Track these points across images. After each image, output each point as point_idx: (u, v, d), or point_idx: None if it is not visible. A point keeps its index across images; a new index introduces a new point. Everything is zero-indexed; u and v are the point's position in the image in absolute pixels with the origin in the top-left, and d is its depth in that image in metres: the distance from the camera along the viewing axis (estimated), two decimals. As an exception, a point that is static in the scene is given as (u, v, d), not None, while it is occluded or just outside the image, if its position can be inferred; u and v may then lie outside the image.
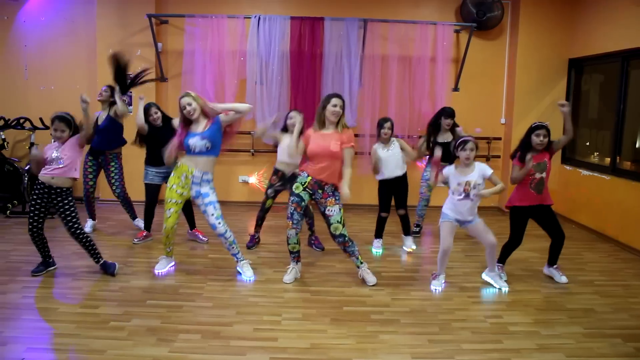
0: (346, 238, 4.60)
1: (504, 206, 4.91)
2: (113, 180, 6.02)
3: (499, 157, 7.95)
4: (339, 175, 4.57)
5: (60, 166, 4.46)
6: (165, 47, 7.65)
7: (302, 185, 4.55)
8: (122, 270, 4.84)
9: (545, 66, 7.55)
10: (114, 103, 5.89)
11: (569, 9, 7.41)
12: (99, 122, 5.90)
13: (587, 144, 7.42)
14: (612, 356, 3.53)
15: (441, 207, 4.67)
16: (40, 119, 7.22)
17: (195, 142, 4.49)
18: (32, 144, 7.10)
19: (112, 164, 6.03)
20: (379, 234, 5.77)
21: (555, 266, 4.95)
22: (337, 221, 4.54)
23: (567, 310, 4.24)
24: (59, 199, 4.52)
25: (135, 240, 5.73)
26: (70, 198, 4.57)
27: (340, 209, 4.56)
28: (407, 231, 5.78)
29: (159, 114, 5.59)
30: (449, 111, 6.05)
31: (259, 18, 7.11)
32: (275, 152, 5.62)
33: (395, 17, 7.40)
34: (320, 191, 4.55)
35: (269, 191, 5.56)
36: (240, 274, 4.82)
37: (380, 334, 3.74)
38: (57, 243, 5.52)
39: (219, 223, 4.65)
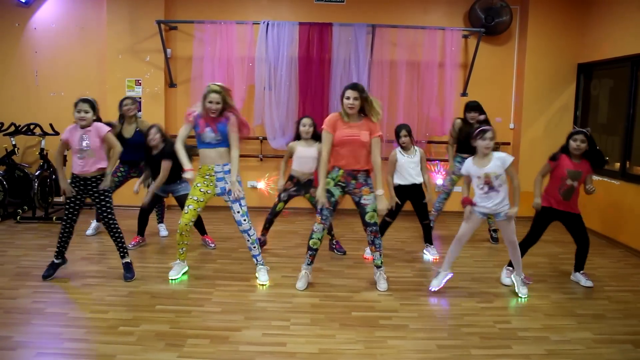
0: (378, 227, 4.59)
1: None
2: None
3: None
4: (369, 161, 4.52)
5: (91, 158, 4.53)
6: (174, 53, 7.70)
7: (334, 180, 4.52)
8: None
9: (554, 71, 7.53)
10: (136, 117, 5.99)
11: (577, 14, 7.40)
12: (125, 135, 5.89)
13: (597, 148, 7.35)
14: (622, 362, 3.51)
15: (456, 212, 4.64)
16: (51, 125, 7.27)
17: (208, 133, 4.52)
18: (42, 150, 7.16)
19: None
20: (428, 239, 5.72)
21: (582, 272, 4.95)
22: (373, 209, 4.53)
23: (576, 316, 4.21)
24: (95, 188, 4.61)
25: (130, 245, 5.72)
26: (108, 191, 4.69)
27: (375, 198, 4.53)
28: (429, 240, 5.72)
29: (158, 135, 5.51)
30: (472, 104, 6.04)
31: (268, 24, 7.14)
32: (282, 157, 5.62)
33: (403, 22, 7.41)
34: (353, 181, 4.50)
35: (282, 195, 5.54)
36: (257, 277, 4.83)
37: (389, 339, 3.73)
38: (68, 248, 5.56)
39: (244, 220, 4.68)
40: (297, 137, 5.48)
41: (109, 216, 4.70)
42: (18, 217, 6.80)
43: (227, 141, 4.58)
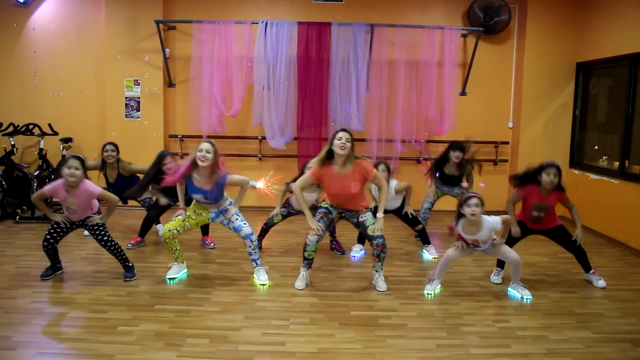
0: (384, 240, 4.58)
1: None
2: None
3: (506, 161, 7.93)
4: (363, 201, 4.67)
5: (77, 213, 4.59)
6: (173, 53, 7.69)
7: (331, 206, 4.72)
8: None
9: (552, 70, 7.54)
10: (118, 161, 5.98)
11: (576, 13, 7.40)
12: (110, 181, 5.95)
13: (596, 147, 7.39)
14: (621, 361, 3.52)
15: (448, 211, 4.66)
16: (50, 125, 7.27)
17: (199, 198, 4.64)
18: (40, 150, 7.15)
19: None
20: (361, 240, 5.77)
21: (591, 272, 4.96)
22: (373, 223, 4.59)
23: (575, 315, 4.22)
24: (87, 222, 4.65)
25: (129, 245, 5.74)
26: (98, 212, 4.72)
27: (372, 214, 4.66)
28: (426, 242, 5.78)
29: (174, 163, 5.42)
30: (458, 145, 6.06)
31: (266, 23, 7.13)
32: (282, 157, 5.63)
33: (402, 21, 7.41)
34: (348, 211, 4.69)
35: (283, 210, 5.56)
36: (255, 278, 4.83)
37: (388, 339, 3.73)
38: (67, 248, 5.56)
39: (245, 224, 4.76)
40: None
41: (105, 239, 4.69)
42: (17, 217, 6.79)
43: (220, 198, 4.69)
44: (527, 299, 4.52)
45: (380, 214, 4.56)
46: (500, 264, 4.94)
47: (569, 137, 7.68)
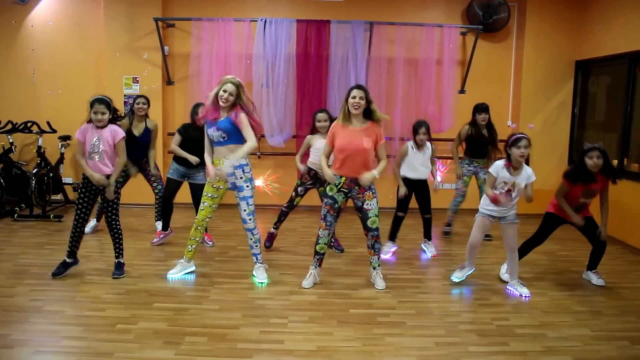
0: (379, 232, 4.59)
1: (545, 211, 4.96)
2: (156, 184, 6.08)
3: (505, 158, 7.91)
4: (371, 166, 4.50)
5: (103, 161, 4.54)
6: (171, 51, 7.68)
7: (337, 186, 4.49)
8: (128, 274, 4.85)
9: (551, 68, 7.54)
10: (146, 116, 5.97)
11: (575, 11, 7.40)
12: (135, 133, 5.84)
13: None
14: (619, 359, 3.51)
15: (469, 209, 4.66)
16: (48, 123, 7.26)
17: (212, 132, 4.54)
18: (39, 148, 7.14)
19: (149, 168, 6.08)
20: (393, 236, 5.70)
21: (594, 270, 4.96)
22: (375, 215, 4.53)
23: (574, 313, 4.22)
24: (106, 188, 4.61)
25: (155, 240, 5.77)
26: (118, 185, 4.69)
27: (377, 203, 4.54)
28: (429, 236, 5.74)
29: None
30: (482, 106, 6.12)
31: (265, 21, 7.13)
32: (281, 154, 5.62)
33: (401, 19, 7.41)
34: (356, 188, 4.48)
35: (300, 189, 5.57)
36: (255, 276, 4.82)
37: (387, 337, 3.74)
38: (65, 246, 5.54)
39: (250, 219, 4.69)
40: (313, 131, 5.49)
41: (113, 216, 4.71)
42: (15, 215, 6.79)
43: (235, 138, 4.55)
44: (525, 297, 4.52)
45: (375, 173, 4.38)
46: (519, 256, 4.94)
47: (568, 135, 7.68)
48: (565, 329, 3.92)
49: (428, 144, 5.49)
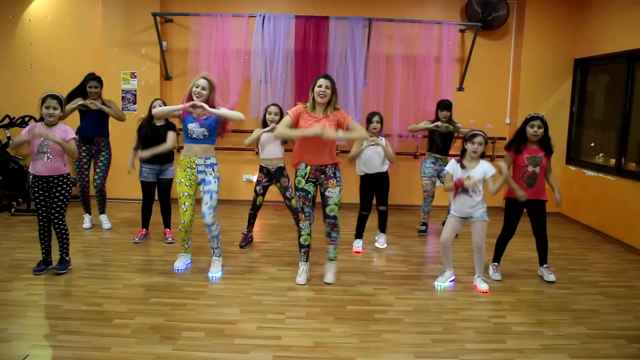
0: (337, 221, 4.58)
1: (502, 198, 4.97)
2: (98, 170, 6.05)
3: (503, 157, 7.90)
4: (335, 153, 4.56)
5: (49, 161, 4.44)
6: (170, 46, 7.66)
7: (304, 177, 4.49)
8: (125, 269, 4.85)
9: (550, 66, 7.54)
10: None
11: (574, 9, 7.40)
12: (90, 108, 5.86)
13: (592, 144, 7.40)
14: (616, 357, 3.52)
15: (444, 206, 4.67)
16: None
17: (194, 127, 4.53)
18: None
19: (103, 153, 6.06)
20: (359, 234, 5.74)
21: (545, 265, 4.96)
22: (335, 203, 4.53)
23: (571, 311, 4.23)
24: (59, 185, 4.54)
25: (136, 239, 5.74)
26: (68, 184, 4.60)
27: (340, 192, 4.55)
28: (382, 228, 5.80)
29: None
30: (445, 103, 6.12)
31: (264, 17, 7.11)
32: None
33: (400, 16, 7.40)
34: (322, 175, 4.49)
35: (257, 188, 5.59)
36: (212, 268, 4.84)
37: (384, 333, 3.74)
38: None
39: (209, 213, 4.64)
40: (264, 124, 5.49)
41: (58, 220, 4.61)
42: (12, 210, 6.77)
43: (212, 138, 4.62)
44: (484, 292, 4.55)
45: (341, 134, 4.30)
46: (496, 256, 4.99)
47: (566, 133, 7.69)
48: (562, 327, 3.93)
49: (381, 137, 5.47)
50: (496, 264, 4.99)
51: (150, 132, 5.44)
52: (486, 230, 4.53)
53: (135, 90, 7.57)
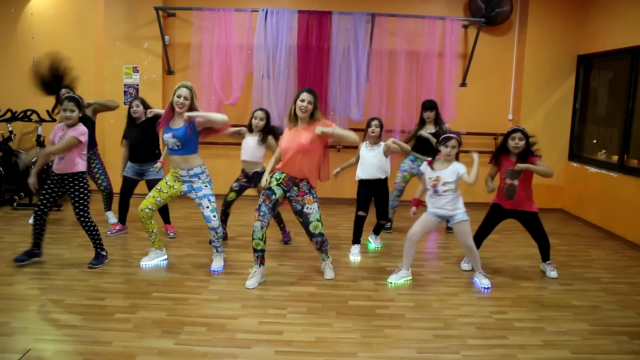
0: (324, 237, 4.54)
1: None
2: (98, 177, 6.07)
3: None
4: (314, 171, 4.45)
5: (63, 160, 4.52)
6: (172, 40, 7.66)
7: (277, 180, 4.42)
8: (127, 263, 4.86)
9: (553, 62, 7.52)
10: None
11: (578, 5, 7.37)
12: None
13: (595, 141, 7.38)
14: (617, 353, 3.52)
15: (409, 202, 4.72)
16: (48, 112, 7.23)
17: (167, 138, 4.53)
18: (38, 137, 7.12)
19: (93, 164, 6.05)
20: (356, 239, 5.44)
21: (548, 262, 4.98)
22: (317, 219, 4.44)
23: (573, 307, 4.23)
24: (72, 183, 4.57)
25: (108, 232, 5.73)
26: (84, 182, 4.62)
27: (318, 207, 4.46)
28: (377, 232, 5.70)
29: (141, 107, 5.50)
30: (428, 104, 6.06)
31: (267, 11, 7.09)
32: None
33: (403, 11, 7.37)
34: (295, 188, 4.39)
35: (234, 184, 5.51)
36: (214, 264, 4.84)
37: (386, 329, 3.74)
38: (64, 235, 5.57)
39: (214, 216, 4.65)
40: (249, 127, 5.44)
41: (83, 217, 4.66)
42: (14, 204, 6.78)
43: (188, 148, 4.56)
44: (486, 288, 4.54)
45: (330, 129, 4.20)
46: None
47: (569, 130, 7.67)
48: (564, 323, 3.92)
49: (380, 142, 5.31)
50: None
51: (136, 134, 5.47)
52: (469, 227, 4.52)
53: (138, 85, 7.56)
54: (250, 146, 5.34)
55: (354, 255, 5.34)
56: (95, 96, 7.58)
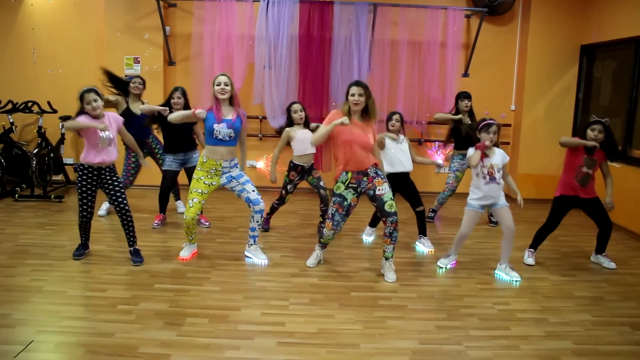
0: (397, 218, 4.41)
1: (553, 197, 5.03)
2: (159, 157, 6.12)
3: (508, 143, 7.89)
4: (373, 157, 4.46)
5: (107, 149, 4.45)
6: (173, 31, 7.62)
7: (344, 183, 4.37)
8: (129, 255, 4.84)
9: (556, 52, 7.47)
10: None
11: (581, -6, 7.32)
12: (134, 112, 5.80)
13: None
14: (620, 344, 3.51)
15: (460, 193, 4.67)
16: (49, 103, 7.22)
17: (220, 128, 4.43)
18: (40, 128, 7.11)
19: (155, 147, 6.12)
20: (373, 223, 5.58)
21: (604, 254, 5.02)
22: (391, 198, 4.38)
23: (575, 298, 4.22)
24: (108, 175, 4.54)
25: (154, 224, 5.76)
26: (115, 172, 4.61)
27: (389, 186, 4.42)
28: (423, 231, 5.45)
29: (182, 100, 5.46)
30: (467, 93, 6.09)
31: (268, 1, 7.05)
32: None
33: (405, 1, 7.32)
34: (365, 178, 4.37)
35: (289, 187, 5.46)
36: (250, 258, 4.84)
37: (388, 320, 3.74)
38: (65, 227, 5.57)
39: (261, 198, 4.67)
40: (290, 123, 5.40)
41: (124, 202, 4.60)
42: (16, 195, 6.78)
43: (236, 139, 4.60)
44: (515, 281, 4.53)
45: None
46: (534, 244, 5.07)
47: (572, 120, 7.64)
48: (567, 314, 3.92)
49: (401, 136, 5.31)
50: (532, 250, 5.05)
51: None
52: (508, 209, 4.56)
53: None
54: (307, 139, 5.17)
55: (367, 235, 5.54)
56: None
